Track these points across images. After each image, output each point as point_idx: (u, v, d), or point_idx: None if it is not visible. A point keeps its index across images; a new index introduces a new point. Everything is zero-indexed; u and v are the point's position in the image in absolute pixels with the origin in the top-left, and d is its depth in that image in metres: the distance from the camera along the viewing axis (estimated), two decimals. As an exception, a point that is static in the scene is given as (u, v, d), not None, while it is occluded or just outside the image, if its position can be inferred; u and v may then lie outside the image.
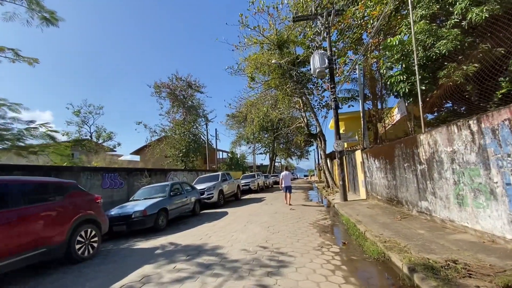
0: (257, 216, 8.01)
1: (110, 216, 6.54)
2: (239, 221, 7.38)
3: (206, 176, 13.20)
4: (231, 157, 28.41)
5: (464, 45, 8.92)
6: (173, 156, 24.60)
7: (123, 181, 9.78)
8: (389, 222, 5.80)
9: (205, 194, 10.73)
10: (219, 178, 12.14)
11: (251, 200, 13.85)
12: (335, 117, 10.61)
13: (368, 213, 7.19)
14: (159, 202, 7.08)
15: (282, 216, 7.87)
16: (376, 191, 8.93)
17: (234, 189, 13.73)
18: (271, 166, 37.53)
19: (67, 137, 25.39)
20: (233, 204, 12.35)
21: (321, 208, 9.49)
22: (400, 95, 9.66)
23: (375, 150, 8.84)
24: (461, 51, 9.08)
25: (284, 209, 9.28)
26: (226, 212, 9.34)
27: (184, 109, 26.24)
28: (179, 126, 24.91)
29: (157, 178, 11.90)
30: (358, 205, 8.77)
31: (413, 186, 6.11)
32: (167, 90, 26.54)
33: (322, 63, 10.47)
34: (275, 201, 12.34)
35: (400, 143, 6.78)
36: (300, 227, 6.23)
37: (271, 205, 10.90)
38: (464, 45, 8.92)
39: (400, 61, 9.69)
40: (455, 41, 8.76)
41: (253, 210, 9.38)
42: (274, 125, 25.39)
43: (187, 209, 8.64)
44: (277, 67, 15.88)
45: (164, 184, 8.25)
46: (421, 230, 4.86)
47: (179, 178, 13.97)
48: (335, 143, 10.42)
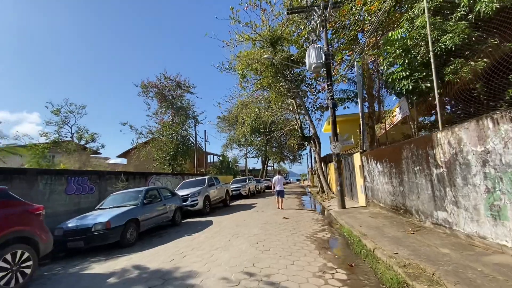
0: (246, 227, 6.97)
1: (66, 229, 5.38)
2: (224, 233, 6.32)
3: (191, 180, 12.07)
4: (222, 161, 27.27)
5: (471, 39, 8.26)
6: (160, 159, 23.34)
7: (94, 186, 8.57)
8: (401, 236, 4.89)
9: (188, 201, 9.62)
10: (205, 183, 11.05)
11: (241, 206, 12.78)
12: (332, 117, 9.77)
13: (372, 223, 6.27)
14: (128, 212, 5.95)
15: (274, 227, 6.86)
16: (378, 197, 8.06)
17: (223, 194, 12.64)
18: (263, 170, 36.53)
19: (45, 138, 23.64)
20: (221, 211, 11.25)
21: (317, 216, 8.54)
22: (403, 92, 8.91)
23: (377, 153, 8.00)
24: (468, 46, 8.43)
25: (276, 218, 8.28)
26: (211, 222, 8.26)
27: (172, 110, 25.05)
28: (167, 128, 23.70)
29: (136, 182, 10.71)
30: (359, 214, 7.86)
31: (427, 194, 5.24)
32: (155, 89, 25.33)
33: (319, 58, 9.64)
34: (267, 208, 11.32)
35: (409, 143, 5.93)
36: (295, 242, 5.24)
37: (262, 212, 9.87)
38: (472, 39, 8.25)
39: (403, 57, 8.97)
40: (462, 35, 8.07)
41: (241, 219, 8.34)
42: (266, 128, 24.51)
43: (165, 219, 7.51)
44: (270, 65, 15.06)
45: (137, 190, 7.11)
46: (444, 249, 3.94)
47: (163, 183, 12.79)
48: (332, 145, 9.55)
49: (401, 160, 6.28)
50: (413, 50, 9.20)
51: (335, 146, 9.51)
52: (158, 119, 25.97)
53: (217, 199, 11.86)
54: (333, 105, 9.68)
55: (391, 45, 9.32)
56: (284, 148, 34.20)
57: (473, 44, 8.40)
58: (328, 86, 9.92)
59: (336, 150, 9.50)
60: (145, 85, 25.01)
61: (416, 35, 9.09)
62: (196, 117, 26.97)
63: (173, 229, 7.43)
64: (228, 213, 10.17)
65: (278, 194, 10.42)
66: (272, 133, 22.21)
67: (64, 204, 7.49)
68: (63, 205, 7.48)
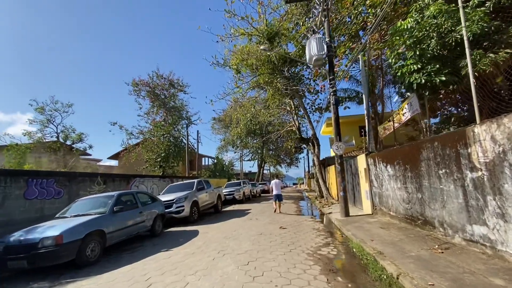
0: (236, 240, 5.91)
1: (7, 245, 4.27)
2: (209, 249, 5.25)
3: (179, 184, 10.99)
4: (215, 163, 26.14)
5: (490, 28, 7.42)
6: (150, 160, 22.20)
7: (62, 189, 7.43)
8: (428, 257, 3.89)
9: (173, 207, 8.51)
10: (193, 187, 9.96)
11: (234, 213, 11.69)
12: (335, 114, 8.82)
13: (385, 237, 5.27)
14: (91, 222, 4.85)
15: (270, 239, 5.81)
16: (387, 205, 7.08)
17: (214, 199, 11.55)
18: (259, 174, 35.47)
19: (28, 137, 22.27)
20: (211, 218, 10.15)
21: (318, 226, 7.52)
22: (413, 87, 8.02)
23: (387, 154, 7.04)
24: (487, 36, 7.59)
25: (272, 228, 7.23)
26: (196, 232, 7.17)
27: (165, 109, 23.96)
28: (158, 128, 22.59)
29: (116, 186, 9.58)
30: (366, 223, 6.86)
31: (456, 202, 4.27)
32: (147, 88, 24.24)
33: (320, 49, 8.73)
34: (262, 215, 10.25)
35: (431, 142, 4.97)
36: (295, 262, 4.20)
37: (256, 220, 8.81)
38: (491, 29, 7.42)
39: (413, 48, 8.10)
40: (481, 23, 7.22)
41: (232, 229, 7.27)
42: (263, 130, 23.52)
43: (142, 229, 6.41)
44: (267, 61, 14.15)
45: (107, 195, 6.00)
46: (496, 279, 2.95)
47: (148, 187, 11.68)
48: (335, 146, 8.58)
49: (419, 161, 5.32)
50: (424, 41, 8.34)
51: (338, 147, 8.55)
52: (150, 119, 24.85)
53: (207, 204, 10.76)
54: (336, 101, 8.74)
55: (400, 35, 8.44)
56: (281, 151, 33.23)
57: (492, 34, 7.56)
58: (330, 81, 8.99)
59: (339, 151, 8.54)
60: (137, 83, 23.90)
61: (427, 25, 8.24)
62: (189, 117, 25.94)
63: (151, 242, 6.32)
64: (218, 221, 9.08)
65: (276, 198, 10.41)
66: (269, 135, 21.22)
67: (22, 211, 6.36)
68: (22, 212, 6.36)
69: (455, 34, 7.67)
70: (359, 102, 14.55)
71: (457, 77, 7.83)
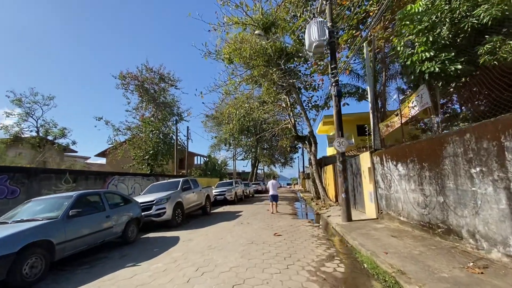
0: (222, 250, 4.93)
1: None
2: (187, 263, 4.26)
3: (163, 183, 9.93)
4: (207, 162, 25.03)
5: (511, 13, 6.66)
6: (138, 158, 21.00)
7: (18, 187, 6.31)
8: (466, 279, 3.00)
9: (152, 209, 7.46)
10: (178, 186, 8.91)
11: (224, 215, 10.69)
12: (337, 107, 7.94)
13: (400, 248, 4.38)
14: (33, 230, 3.78)
15: (262, 250, 4.86)
16: (396, 209, 6.22)
17: (202, 200, 10.53)
18: (253, 173, 34.49)
19: (4, 131, 20.73)
20: (197, 221, 9.13)
21: (317, 232, 6.60)
22: (425, 78, 7.21)
23: (398, 151, 6.17)
24: (507, 21, 6.82)
25: (265, 234, 6.28)
26: (176, 239, 6.15)
27: (154, 104, 22.77)
28: (147, 124, 21.40)
29: (90, 184, 8.47)
30: (373, 230, 5.98)
31: (497, 208, 3.40)
32: (135, 82, 22.98)
33: (322, 34, 7.84)
34: (255, 218, 9.29)
35: (459, 134, 4.09)
36: (294, 285, 3.25)
37: (248, 225, 7.84)
38: (511, 14, 6.65)
39: (425, 34, 7.28)
40: (501, 5, 6.44)
41: (219, 236, 6.28)
42: (257, 128, 22.54)
43: (109, 236, 5.35)
44: (262, 52, 13.22)
45: (64, 196, 4.90)
46: None
47: (129, 186, 10.57)
48: (337, 142, 7.70)
49: (441, 158, 4.44)
50: (437, 27, 7.53)
51: (340, 143, 7.66)
52: (139, 115, 23.60)
53: (194, 206, 9.73)
54: (338, 93, 7.86)
55: (410, 20, 7.62)
56: (275, 150, 32.34)
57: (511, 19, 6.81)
58: (331, 70, 8.11)
59: (341, 148, 7.65)
60: (124, 76, 22.59)
61: (440, 10, 7.44)
62: (180, 113, 24.78)
63: (120, 252, 5.26)
64: (205, 225, 8.07)
65: (272, 198, 10.36)
66: (263, 132, 20.26)
67: None
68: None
69: (472, 19, 6.88)
70: (359, 98, 13.77)
71: (474, 66, 7.04)
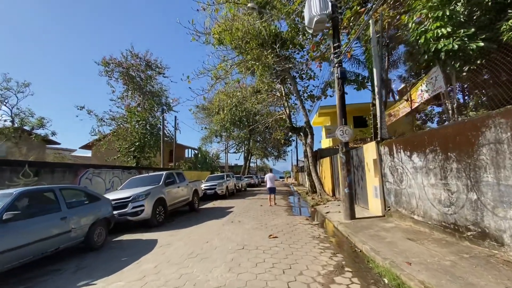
0: (205, 260, 4.01)
1: None
2: (158, 280, 3.32)
3: (143, 177, 8.89)
4: (196, 154, 23.91)
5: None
6: (123, 150, 19.73)
7: (-43, 183, 5.18)
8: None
9: (128, 207, 6.45)
10: (161, 180, 7.90)
11: (213, 212, 9.78)
12: (340, 91, 7.02)
13: (425, 256, 3.56)
14: None
15: (255, 259, 3.97)
16: (409, 206, 5.43)
17: (189, 195, 9.55)
18: (245, 167, 33.59)
19: (-28, 121, 18.98)
20: (182, 219, 8.19)
21: (317, 232, 5.77)
22: (440, 57, 6.35)
23: (414, 139, 5.32)
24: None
25: (258, 236, 5.40)
26: (153, 243, 5.19)
27: (140, 93, 21.37)
28: (133, 114, 20.04)
29: (56, 178, 7.32)
30: (383, 231, 5.18)
31: None
32: (120, 69, 21.45)
33: (324, 7, 6.83)
34: (247, 215, 8.40)
35: (506, 114, 3.23)
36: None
37: (238, 224, 6.95)
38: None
39: (441, 8, 6.39)
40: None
41: (204, 239, 5.36)
42: (249, 119, 21.49)
43: (66, 242, 4.32)
44: (255, 35, 12.12)
45: (4, 193, 3.85)
46: None
47: (106, 180, 9.47)
48: (340, 130, 6.81)
49: (477, 146, 3.60)
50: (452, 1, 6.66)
51: (343, 132, 6.77)
52: (124, 104, 22.15)
53: (179, 202, 8.75)
54: (342, 74, 6.92)
55: (423, -7, 6.69)
56: (269, 143, 31.47)
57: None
58: (334, 49, 7.15)
59: (344, 138, 6.77)
60: (107, 63, 21.03)
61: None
62: (169, 103, 23.44)
63: (77, 263, 4.24)
64: (190, 225, 7.13)
65: (270, 191, 10.64)
66: (256, 124, 19.26)
67: None
68: None
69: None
70: (359, 86, 12.89)
71: (496, 44, 6.22)
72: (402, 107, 9.37)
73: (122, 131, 20.23)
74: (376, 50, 7.40)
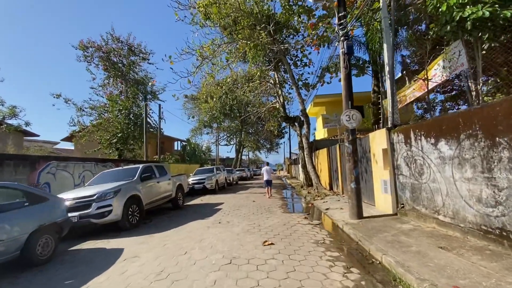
0: (177, 284, 2.96)
1: None
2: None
3: (116, 170, 7.69)
4: (184, 146, 22.58)
5: None
6: (104, 141, 18.30)
7: None
8: None
9: (92, 208, 5.28)
10: (135, 175, 6.73)
11: (199, 209, 8.72)
12: (346, 68, 5.95)
13: (475, 275, 2.62)
14: None
15: (246, 281, 2.95)
16: (432, 204, 4.51)
17: (171, 191, 8.43)
18: (237, 159, 32.52)
19: None
20: (161, 220, 7.10)
21: (321, 236, 4.80)
22: (466, 28, 5.35)
23: (442, 122, 4.34)
24: None
25: (250, 243, 4.39)
26: (116, 256, 4.09)
27: (122, 79, 19.75)
28: (114, 102, 18.53)
29: (7, 173, 6.00)
30: (403, 235, 4.25)
31: None
32: (100, 53, 19.69)
33: (328, -33, 5.68)
34: (237, 214, 7.39)
35: None
36: None
37: (227, 225, 5.91)
38: None
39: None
40: None
41: (181, 249, 4.30)
42: (241, 109, 20.24)
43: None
44: (248, 12, 10.87)
45: None
46: None
47: (75, 174, 8.19)
48: (346, 115, 5.78)
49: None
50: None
51: (349, 117, 5.75)
52: (106, 92, 20.50)
53: (159, 199, 7.62)
54: (349, 49, 5.85)
55: None
56: (261, 135, 30.39)
57: None
58: (339, 20, 6.05)
59: (352, 124, 5.75)
60: (85, 46, 19.24)
61: None
62: (154, 92, 21.89)
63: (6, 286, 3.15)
64: (169, 227, 6.04)
65: (267, 183, 10.91)
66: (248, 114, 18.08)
67: None
68: None
69: None
70: (358, 72, 11.90)
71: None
72: (411, 91, 8.43)
73: (104, 121, 18.75)
74: (387, 22, 6.33)
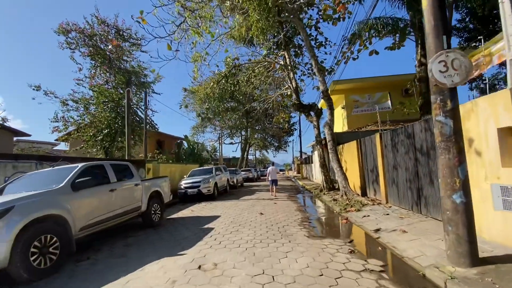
0: None
1: None
2: None
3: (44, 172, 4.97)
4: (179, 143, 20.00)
5: None
6: (90, 138, 16.01)
7: None
8: None
9: None
10: (64, 179, 4.06)
11: (180, 229, 6.04)
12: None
13: None
14: None
15: None
16: None
17: (140, 201, 5.75)
18: (242, 159, 29.83)
19: None
20: (110, 254, 4.45)
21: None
22: None
23: None
24: None
25: None
26: None
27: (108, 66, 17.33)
28: (98, 93, 16.18)
29: None
30: None
31: None
32: (84, 38, 17.31)
33: None
34: (235, 242, 4.67)
35: None
36: None
37: (212, 274, 3.17)
38: None
39: None
40: None
41: None
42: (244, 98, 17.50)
43: None
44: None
45: None
46: None
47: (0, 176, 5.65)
48: (439, 61, 2.94)
49: None
50: None
51: (446, 64, 2.92)
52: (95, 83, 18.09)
53: (116, 216, 4.93)
54: None
55: None
56: (269, 131, 27.60)
57: None
58: None
59: (451, 78, 2.92)
60: (67, 30, 16.88)
61: None
62: (148, 84, 19.39)
63: None
64: (102, 279, 3.34)
65: (272, 182, 10.83)
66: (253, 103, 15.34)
67: None
68: None
69: None
70: (400, 39, 8.93)
71: None
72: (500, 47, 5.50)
73: (89, 115, 16.44)
74: None
